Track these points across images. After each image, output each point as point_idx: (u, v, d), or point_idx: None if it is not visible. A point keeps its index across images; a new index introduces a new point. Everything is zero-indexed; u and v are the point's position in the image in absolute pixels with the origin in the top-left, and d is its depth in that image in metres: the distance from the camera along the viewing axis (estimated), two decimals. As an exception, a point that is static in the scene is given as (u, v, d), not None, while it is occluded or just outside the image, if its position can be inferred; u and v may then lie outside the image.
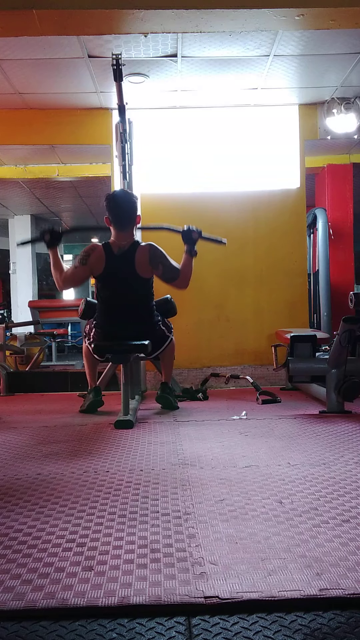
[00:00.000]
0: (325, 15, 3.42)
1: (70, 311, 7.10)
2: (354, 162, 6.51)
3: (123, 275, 3.36)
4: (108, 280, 3.40)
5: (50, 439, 2.86)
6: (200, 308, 5.09)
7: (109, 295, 3.44)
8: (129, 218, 3.40)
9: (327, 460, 2.28)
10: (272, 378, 4.97)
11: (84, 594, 1.21)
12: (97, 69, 4.39)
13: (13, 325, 6.57)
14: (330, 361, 3.42)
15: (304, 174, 5.18)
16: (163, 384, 3.74)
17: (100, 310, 3.51)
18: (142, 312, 3.48)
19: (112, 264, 3.35)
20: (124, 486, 1.98)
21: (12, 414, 3.75)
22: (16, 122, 5.09)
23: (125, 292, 3.40)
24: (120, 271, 3.36)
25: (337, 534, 1.51)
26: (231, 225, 5.10)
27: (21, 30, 3.50)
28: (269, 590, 1.20)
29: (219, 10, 3.31)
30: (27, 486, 2.02)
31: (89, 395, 3.65)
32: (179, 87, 4.75)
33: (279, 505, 1.75)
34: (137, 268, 3.37)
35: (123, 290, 3.39)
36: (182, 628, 1.10)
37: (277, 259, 5.14)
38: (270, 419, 3.24)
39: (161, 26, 3.47)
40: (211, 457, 2.36)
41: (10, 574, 1.31)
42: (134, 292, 3.42)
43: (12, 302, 10.88)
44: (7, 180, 7.32)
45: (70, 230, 3.58)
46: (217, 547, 1.43)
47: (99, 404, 3.60)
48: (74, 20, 3.39)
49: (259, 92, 4.88)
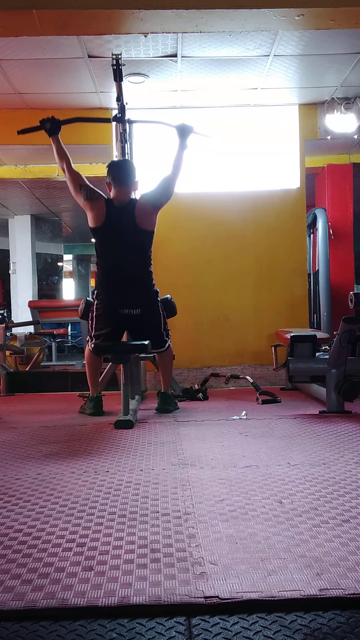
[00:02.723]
0: (325, 15, 3.42)
1: (70, 311, 7.09)
2: (354, 162, 6.51)
3: (123, 227, 3.39)
4: (109, 233, 3.40)
5: (50, 439, 2.86)
6: (200, 308, 5.09)
7: (109, 253, 3.44)
8: (128, 175, 3.48)
9: (327, 460, 2.28)
10: (272, 378, 4.97)
11: (84, 594, 1.21)
12: (97, 69, 4.39)
13: (13, 325, 6.56)
14: (330, 361, 3.42)
15: (304, 174, 5.19)
16: (162, 394, 3.68)
17: (100, 276, 3.49)
18: (142, 274, 3.46)
19: (112, 215, 3.39)
20: (124, 486, 1.98)
21: (12, 414, 3.75)
22: (16, 122, 5.06)
23: (125, 247, 3.40)
24: (120, 222, 3.39)
25: (337, 534, 1.51)
26: (231, 225, 5.11)
27: (21, 30, 3.50)
28: (269, 590, 1.20)
29: (219, 10, 3.32)
30: (27, 486, 2.01)
31: (89, 403, 3.61)
32: (179, 87, 4.75)
33: (279, 505, 1.75)
34: (138, 220, 3.40)
35: (123, 244, 3.40)
36: (182, 628, 1.10)
37: (277, 259, 5.14)
38: (270, 419, 3.24)
39: (161, 26, 3.47)
40: (211, 457, 2.36)
41: (10, 574, 1.31)
42: (134, 246, 3.42)
43: (12, 302, 10.87)
44: (7, 180, 7.32)
45: (70, 120, 3.63)
46: (217, 547, 1.43)
47: (98, 414, 3.56)
48: (74, 20, 3.40)
49: (259, 92, 4.88)
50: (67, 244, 14.57)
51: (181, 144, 3.55)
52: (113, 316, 3.41)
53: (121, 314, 3.39)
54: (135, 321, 3.42)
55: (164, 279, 3.99)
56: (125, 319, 3.40)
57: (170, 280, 4.57)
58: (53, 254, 14.59)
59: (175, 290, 4.14)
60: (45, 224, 11.33)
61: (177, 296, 3.97)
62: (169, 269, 4.79)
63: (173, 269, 4.95)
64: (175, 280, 4.86)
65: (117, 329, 3.46)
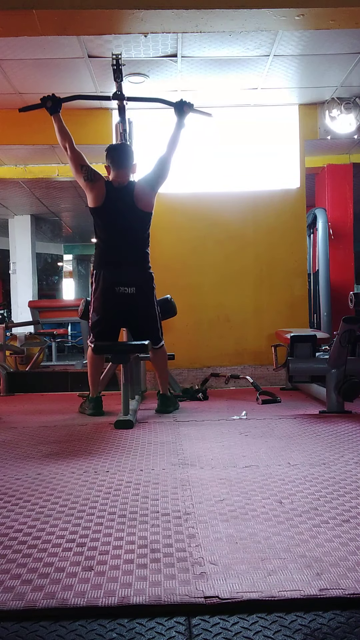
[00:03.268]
0: (325, 15, 3.42)
1: (70, 311, 7.10)
2: (354, 162, 6.50)
3: (122, 208, 3.42)
4: (108, 213, 3.43)
5: (50, 439, 2.86)
6: (200, 308, 5.09)
7: (108, 232, 3.46)
8: (127, 157, 3.52)
9: (327, 460, 2.28)
10: (272, 378, 4.97)
11: (84, 594, 1.21)
12: (97, 69, 4.39)
13: (13, 325, 6.56)
14: (330, 361, 3.42)
15: (304, 174, 5.18)
16: (161, 396, 3.67)
17: (99, 255, 3.51)
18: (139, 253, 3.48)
19: (111, 196, 3.43)
20: (124, 486, 1.98)
21: (12, 414, 3.75)
22: (16, 122, 5.08)
23: (124, 227, 3.43)
24: (119, 203, 3.43)
25: (337, 534, 1.51)
26: (231, 225, 5.11)
27: (21, 30, 3.50)
28: (269, 590, 1.20)
29: (219, 10, 3.32)
30: (27, 486, 2.01)
31: (89, 403, 3.60)
32: (179, 87, 4.75)
33: (279, 505, 1.75)
34: (136, 201, 3.43)
35: (121, 224, 3.43)
36: (182, 628, 1.10)
37: (277, 259, 5.14)
38: (270, 419, 3.24)
39: (161, 26, 3.47)
40: (211, 457, 2.36)
41: (10, 574, 1.31)
42: (132, 227, 3.45)
43: (12, 302, 10.87)
44: (7, 180, 7.32)
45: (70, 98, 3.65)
46: (217, 547, 1.43)
47: (98, 415, 3.55)
48: (74, 20, 3.40)
49: (259, 92, 4.88)
50: (67, 244, 14.57)
51: (179, 122, 3.58)
52: (110, 294, 3.41)
53: (117, 292, 3.39)
54: (130, 301, 3.41)
55: (164, 279, 3.98)
56: (121, 297, 3.40)
57: (170, 280, 4.57)
58: (53, 254, 14.60)
59: (175, 290, 4.14)
60: (45, 224, 11.34)
61: (177, 296, 3.97)
62: (169, 269, 4.80)
63: (173, 269, 4.95)
64: (175, 280, 4.87)
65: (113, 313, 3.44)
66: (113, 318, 3.46)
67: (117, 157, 3.50)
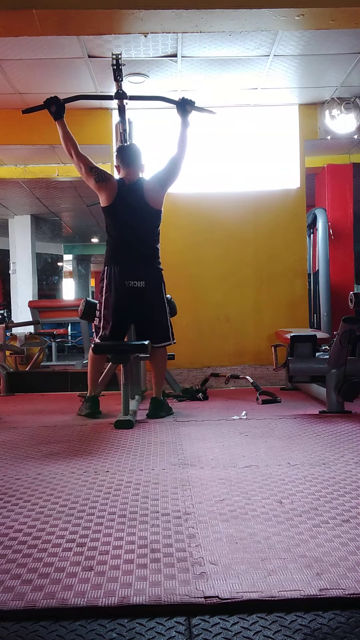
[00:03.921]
0: (325, 15, 3.42)
1: (70, 311, 7.09)
2: (354, 162, 6.51)
3: (133, 204, 3.47)
4: (120, 209, 3.47)
5: (50, 439, 2.86)
6: (200, 308, 5.09)
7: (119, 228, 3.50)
8: (136, 157, 3.58)
9: (327, 460, 2.28)
10: (272, 378, 4.97)
11: (84, 594, 1.21)
12: (97, 69, 4.39)
13: (13, 325, 6.56)
14: (330, 361, 3.42)
15: (304, 174, 5.18)
16: (154, 400, 3.53)
17: (110, 250, 3.54)
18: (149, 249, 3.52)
19: (123, 193, 3.47)
20: (124, 486, 1.98)
21: (12, 414, 3.75)
22: (16, 122, 5.09)
23: (135, 223, 3.47)
24: (130, 199, 3.47)
25: (337, 534, 1.51)
26: (231, 226, 5.11)
27: (21, 30, 3.50)
28: (269, 590, 1.20)
29: (219, 10, 3.32)
30: (27, 486, 2.01)
31: (86, 403, 3.57)
32: (179, 87, 4.75)
33: (279, 505, 1.75)
34: (147, 198, 3.48)
35: (133, 220, 3.46)
36: (182, 628, 1.10)
37: (277, 259, 5.14)
38: (270, 419, 3.24)
39: (161, 26, 3.47)
40: (211, 457, 2.36)
41: (10, 574, 1.31)
42: (143, 222, 3.49)
43: (12, 302, 10.87)
44: (7, 180, 7.32)
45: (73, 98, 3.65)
46: (217, 547, 1.43)
47: (95, 415, 3.52)
48: (74, 20, 3.40)
49: (259, 92, 4.88)
50: (67, 244, 14.57)
51: (183, 121, 3.62)
52: (121, 288, 3.42)
53: (127, 286, 3.42)
54: (139, 295, 3.43)
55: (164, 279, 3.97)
56: (131, 291, 3.41)
57: (170, 280, 4.56)
58: (53, 254, 14.60)
59: (175, 290, 4.14)
60: (45, 224, 11.34)
61: (177, 296, 3.97)
62: (169, 268, 4.77)
63: (173, 268, 4.92)
64: (176, 280, 4.85)
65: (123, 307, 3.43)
66: (123, 312, 3.45)
67: (127, 155, 3.57)
